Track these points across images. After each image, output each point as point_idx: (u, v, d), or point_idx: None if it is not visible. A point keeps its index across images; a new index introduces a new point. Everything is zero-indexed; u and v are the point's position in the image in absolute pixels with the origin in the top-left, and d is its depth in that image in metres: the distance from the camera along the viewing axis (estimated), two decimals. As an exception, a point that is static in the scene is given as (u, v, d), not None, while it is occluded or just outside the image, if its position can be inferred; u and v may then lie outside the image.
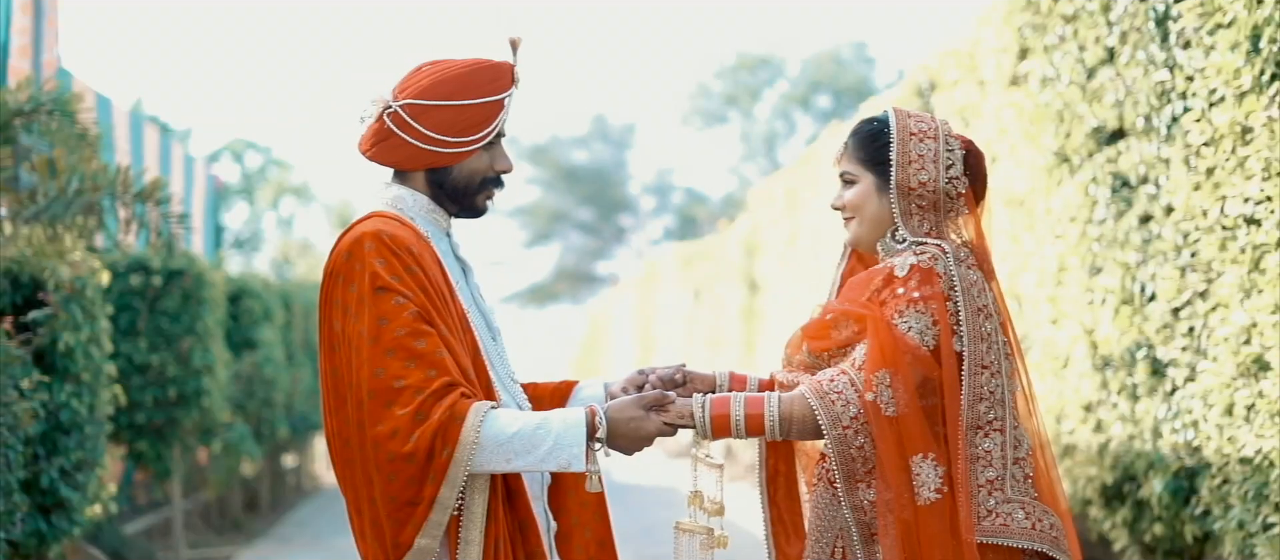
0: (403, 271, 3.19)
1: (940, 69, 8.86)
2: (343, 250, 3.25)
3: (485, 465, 3.13)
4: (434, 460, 3.09)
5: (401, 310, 3.15)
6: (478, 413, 3.11)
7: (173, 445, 10.32)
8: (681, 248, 24.90)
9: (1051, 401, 7.04)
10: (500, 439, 3.12)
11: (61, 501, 6.85)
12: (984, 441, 3.26)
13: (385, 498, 3.12)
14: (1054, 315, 7.00)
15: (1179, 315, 5.75)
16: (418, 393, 3.10)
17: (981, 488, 3.25)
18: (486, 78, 3.35)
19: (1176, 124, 5.64)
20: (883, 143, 3.41)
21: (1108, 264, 6.30)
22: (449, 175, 3.38)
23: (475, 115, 3.33)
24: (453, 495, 3.11)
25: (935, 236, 3.38)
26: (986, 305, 3.32)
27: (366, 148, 3.41)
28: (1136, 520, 6.29)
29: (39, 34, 9.88)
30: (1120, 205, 6.22)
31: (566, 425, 3.17)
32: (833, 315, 3.35)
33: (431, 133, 3.31)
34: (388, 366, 3.12)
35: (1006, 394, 3.31)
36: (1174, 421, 5.77)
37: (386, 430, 3.09)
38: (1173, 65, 5.65)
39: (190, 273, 10.25)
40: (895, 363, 3.20)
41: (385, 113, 3.35)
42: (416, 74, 3.38)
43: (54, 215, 6.75)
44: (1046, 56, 6.87)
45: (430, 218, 3.41)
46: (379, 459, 3.11)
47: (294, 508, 15.65)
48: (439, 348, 3.15)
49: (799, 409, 3.25)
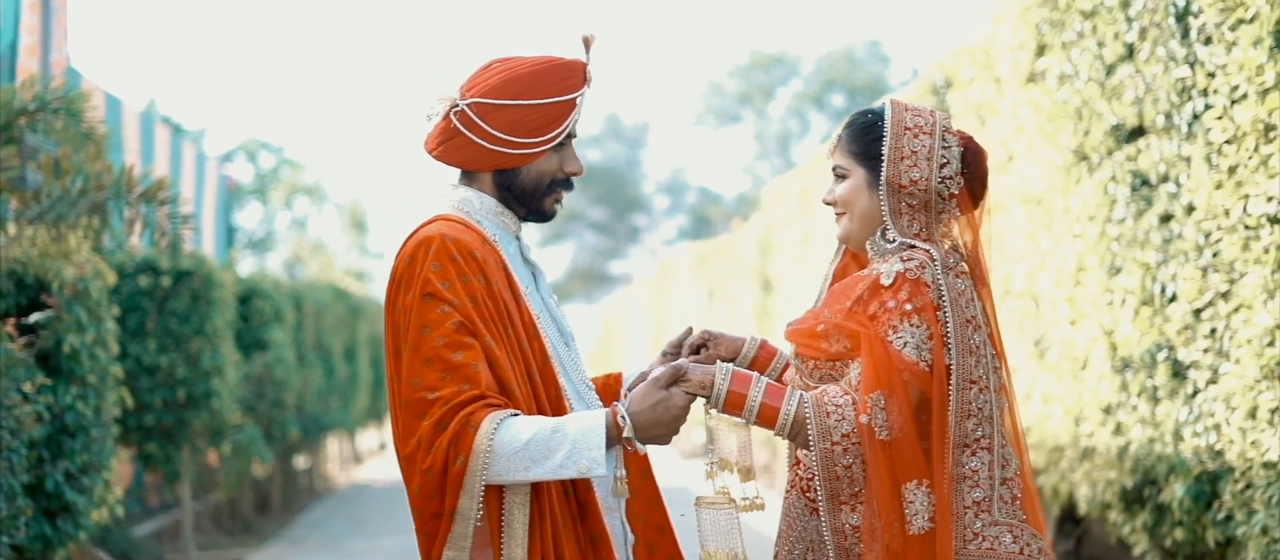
0: (455, 279, 3.08)
1: (955, 66, 8.81)
2: (405, 255, 3.15)
3: (504, 475, 3.00)
4: (449, 470, 2.99)
5: (444, 320, 3.04)
6: (492, 421, 2.98)
7: (182, 447, 10.27)
8: (695, 247, 24.84)
9: (1069, 403, 6.97)
10: (514, 446, 2.98)
11: (67, 505, 6.79)
12: (971, 460, 3.11)
13: (415, 511, 3.05)
14: (1072, 316, 6.93)
15: (1201, 316, 5.66)
16: (443, 404, 2.99)
17: (968, 509, 3.09)
18: (558, 76, 3.24)
19: (1198, 121, 5.55)
20: (876, 136, 3.24)
21: (1127, 264, 6.22)
22: (517, 177, 3.27)
23: (545, 115, 3.22)
24: (472, 506, 2.99)
25: (925, 238, 3.21)
26: (975, 316, 3.16)
27: (432, 147, 3.30)
28: (1157, 525, 6.21)
29: (47, 33, 9.84)
30: (1140, 204, 6.14)
31: (583, 428, 3.02)
32: (825, 326, 3.18)
33: (500, 133, 3.20)
34: (423, 377, 3.02)
35: (994, 410, 3.15)
36: (1196, 425, 5.68)
37: (413, 443, 3.01)
38: (1194, 61, 5.56)
39: (199, 273, 10.20)
40: (890, 383, 3.05)
41: (452, 111, 3.24)
42: (485, 71, 3.27)
43: (58, 215, 6.69)
44: (1064, 53, 6.79)
45: (498, 220, 3.29)
46: (408, 472, 3.04)
47: (306, 509, 15.59)
48: (477, 360, 3.03)
49: (801, 414, 3.12)
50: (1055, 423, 7.22)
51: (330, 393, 16.30)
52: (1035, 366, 7.56)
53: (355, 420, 19.32)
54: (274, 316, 13.10)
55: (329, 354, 16.46)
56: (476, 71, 3.29)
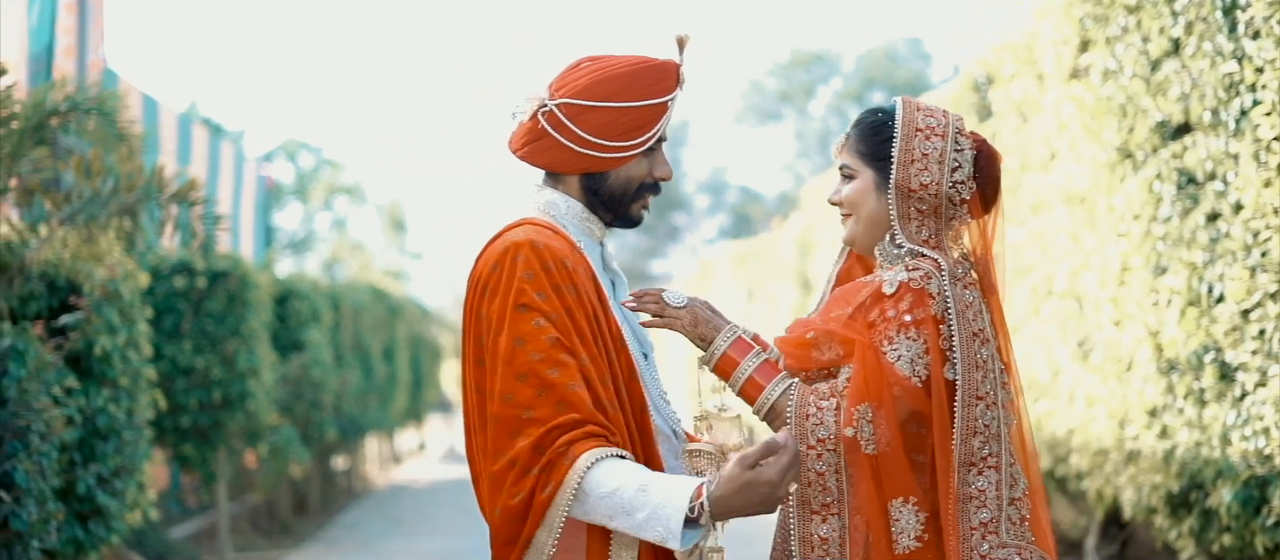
0: (551, 289, 2.94)
1: (997, 62, 8.77)
2: (491, 260, 3.01)
3: (588, 516, 2.87)
4: (535, 497, 2.86)
5: (540, 333, 2.90)
6: (589, 458, 2.84)
7: (217, 448, 10.26)
8: (735, 246, 24.79)
9: (1114, 405, 6.89)
10: (600, 492, 2.84)
11: (99, 508, 6.76)
12: (977, 479, 2.98)
13: (494, 530, 2.92)
14: (1117, 317, 6.85)
15: (1249, 317, 5.58)
16: (540, 425, 2.86)
17: (974, 531, 2.96)
18: (651, 78, 3.11)
19: (1245, 118, 5.48)
20: (886, 137, 3.11)
21: (1173, 264, 6.14)
22: (605, 181, 3.14)
23: (637, 118, 3.09)
24: (548, 540, 2.86)
25: (933, 245, 3.08)
26: (983, 329, 3.02)
27: (518, 147, 3.16)
28: (1204, 530, 6.13)
29: (83, 34, 9.83)
30: (1186, 203, 6.06)
31: (665, 499, 2.84)
32: (814, 333, 3.05)
33: (589, 135, 3.07)
34: (517, 393, 2.88)
35: (1002, 428, 3.01)
36: (1244, 428, 5.61)
37: (505, 462, 2.88)
38: (1241, 56, 5.48)
39: (235, 274, 10.18)
40: (879, 397, 2.92)
41: (540, 111, 3.10)
42: (575, 70, 3.14)
43: (89, 216, 6.64)
44: (1108, 48, 6.72)
45: (584, 226, 3.16)
46: (492, 489, 2.90)
47: (344, 510, 15.58)
48: (574, 380, 2.90)
49: (782, 404, 3.00)
50: (1099, 425, 7.14)
51: (368, 393, 16.29)
52: (1079, 368, 7.48)
53: (394, 421, 19.31)
54: (311, 317, 13.09)
55: (367, 354, 16.46)
56: (565, 70, 3.17)
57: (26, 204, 7.03)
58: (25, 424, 5.80)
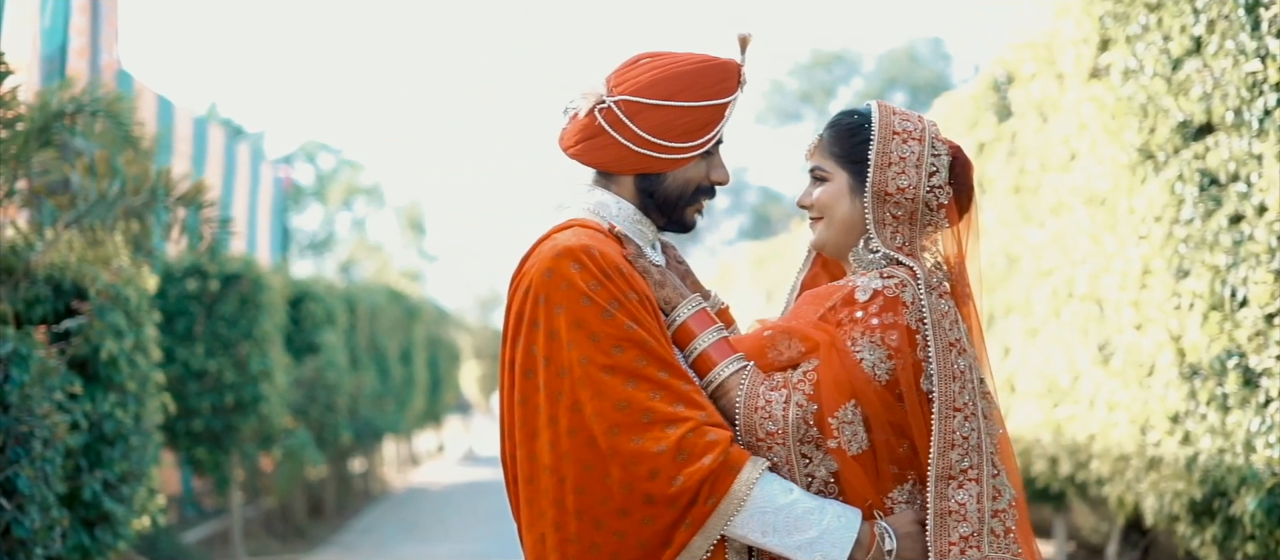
0: (620, 296, 2.88)
1: (1017, 62, 8.74)
2: (544, 266, 2.90)
3: (739, 528, 2.82)
4: (695, 506, 2.80)
5: (632, 337, 2.85)
6: (755, 468, 2.82)
7: (230, 452, 10.21)
8: (754, 247, 24.71)
9: (1135, 410, 6.81)
10: (767, 507, 2.82)
11: (106, 515, 6.70)
12: (957, 493, 2.89)
13: (634, 540, 2.82)
14: (1138, 320, 6.78)
15: (1273, 322, 5.52)
16: (669, 426, 2.80)
17: (954, 545, 2.88)
18: (714, 78, 3.03)
19: (1269, 117, 5.42)
20: (862, 139, 3.03)
21: (1196, 267, 6.07)
22: (661, 183, 3.05)
23: (698, 118, 3.01)
24: (703, 548, 2.81)
25: (908, 252, 3.01)
26: (960, 339, 2.94)
27: (570, 144, 3.07)
28: (1227, 538, 6.07)
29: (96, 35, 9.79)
30: (1209, 204, 5.99)
31: (842, 521, 2.84)
32: (771, 332, 2.97)
33: (647, 134, 2.99)
34: (633, 399, 2.81)
35: (983, 439, 2.93)
36: (1268, 435, 5.54)
37: (644, 470, 2.79)
38: (1265, 55, 5.42)
39: (247, 276, 10.14)
40: (856, 390, 2.86)
41: (597, 107, 3.02)
42: (633, 67, 3.06)
43: (96, 219, 6.57)
44: (1129, 47, 6.66)
45: (636, 229, 3.08)
46: (631, 500, 2.81)
47: (359, 514, 15.54)
48: (683, 380, 2.86)
49: (731, 385, 2.92)
50: (1120, 431, 7.06)
51: (385, 396, 16.24)
52: (1100, 373, 7.41)
53: (410, 423, 19.27)
54: (326, 319, 13.05)
55: (383, 357, 16.42)
56: (623, 65, 3.08)
57: (35, 206, 6.98)
58: (28, 430, 5.73)
